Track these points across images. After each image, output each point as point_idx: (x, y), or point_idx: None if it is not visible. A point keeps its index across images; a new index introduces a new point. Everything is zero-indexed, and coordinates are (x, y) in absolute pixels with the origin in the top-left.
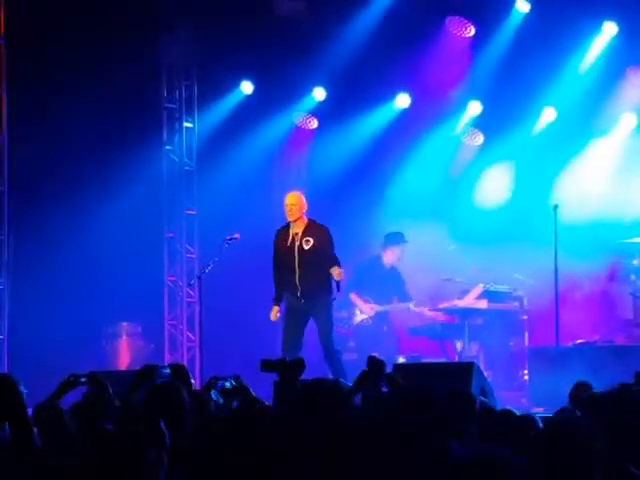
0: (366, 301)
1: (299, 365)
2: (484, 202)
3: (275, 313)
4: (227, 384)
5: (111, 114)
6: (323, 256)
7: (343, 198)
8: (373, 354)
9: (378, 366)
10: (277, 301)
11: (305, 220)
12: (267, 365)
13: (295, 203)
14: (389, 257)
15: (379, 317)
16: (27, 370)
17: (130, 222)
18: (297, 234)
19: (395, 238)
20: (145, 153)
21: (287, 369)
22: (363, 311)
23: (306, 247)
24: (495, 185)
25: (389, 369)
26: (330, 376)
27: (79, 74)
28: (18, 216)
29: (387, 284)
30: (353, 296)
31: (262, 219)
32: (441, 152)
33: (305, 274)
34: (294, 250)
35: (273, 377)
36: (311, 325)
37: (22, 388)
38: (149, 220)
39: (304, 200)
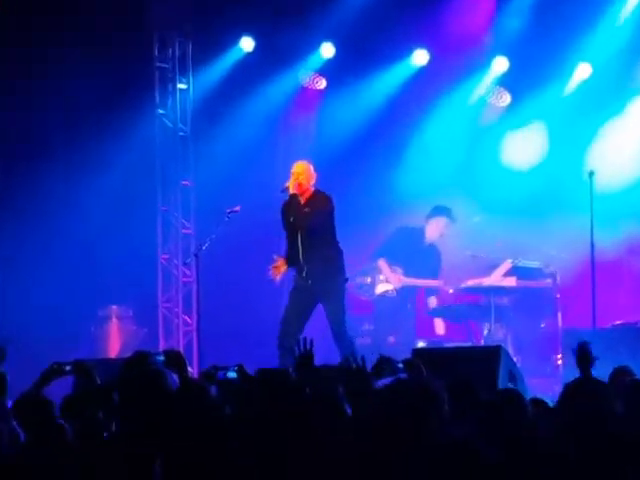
0: (394, 271)
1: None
2: (511, 169)
3: (276, 267)
4: (230, 374)
5: (97, 75)
6: (324, 229)
7: (356, 166)
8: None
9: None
10: (285, 258)
11: (311, 191)
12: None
13: (302, 172)
14: (431, 230)
15: (405, 292)
16: (9, 358)
17: (119, 194)
18: (301, 208)
19: (441, 209)
20: (135, 118)
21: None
22: (389, 280)
23: (305, 220)
24: (523, 150)
25: (407, 354)
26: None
27: (63, 35)
28: None
29: (422, 260)
30: (381, 262)
31: (265, 190)
32: (464, 114)
33: (308, 251)
34: (299, 225)
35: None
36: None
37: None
38: (140, 192)
39: (312, 170)
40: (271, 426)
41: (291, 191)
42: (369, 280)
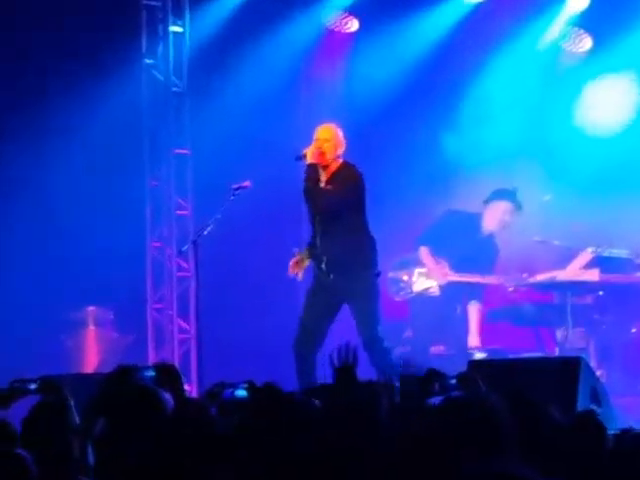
0: (440, 263)
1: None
2: (592, 131)
3: (296, 262)
4: (239, 393)
5: (65, 15)
6: (350, 211)
7: (394, 129)
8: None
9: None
10: (307, 250)
11: (338, 163)
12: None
13: (329, 139)
14: (490, 218)
15: (453, 291)
16: None
17: (97, 167)
18: (322, 183)
19: (502, 192)
20: (116, 69)
21: None
22: (431, 275)
23: (326, 199)
24: (608, 108)
25: (461, 367)
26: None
27: None
28: None
29: (475, 255)
30: (424, 251)
31: (280, 161)
32: (531, 63)
33: (329, 239)
34: (317, 206)
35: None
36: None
37: None
38: (124, 163)
39: (341, 137)
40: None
41: (308, 160)
42: (405, 276)
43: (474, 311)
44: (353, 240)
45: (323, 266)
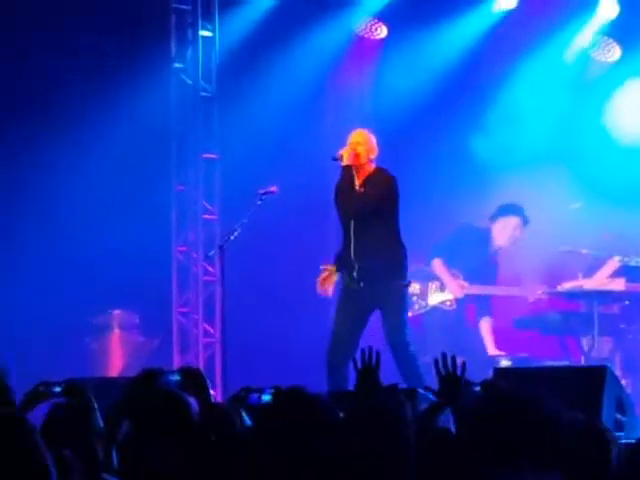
0: (455, 275)
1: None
2: (621, 139)
3: (324, 278)
4: (265, 397)
5: (97, 16)
6: (384, 217)
7: (423, 136)
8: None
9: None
10: (336, 263)
11: (371, 169)
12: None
13: (362, 142)
14: (500, 235)
15: (480, 304)
16: None
17: (123, 170)
18: (357, 188)
19: (511, 208)
20: (145, 73)
21: None
22: (447, 287)
23: (360, 203)
24: (636, 115)
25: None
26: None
27: None
28: None
29: (484, 269)
30: (437, 264)
31: (308, 166)
32: (560, 71)
33: (362, 245)
34: (350, 211)
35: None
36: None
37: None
38: (151, 167)
39: (374, 142)
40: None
41: (345, 161)
42: (418, 288)
43: (485, 324)
44: (387, 248)
45: (355, 274)
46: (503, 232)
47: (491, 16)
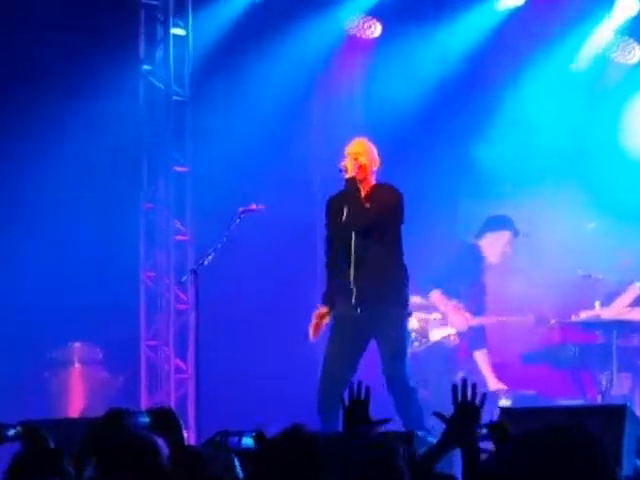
0: (457, 308)
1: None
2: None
3: (318, 324)
4: (246, 441)
5: (59, 14)
6: (388, 236)
7: (420, 144)
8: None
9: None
10: (327, 303)
11: (371, 184)
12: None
13: (362, 152)
14: (490, 249)
15: (474, 336)
16: None
17: (85, 185)
18: (362, 202)
19: (502, 221)
20: (110, 76)
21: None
22: (450, 322)
23: (365, 218)
24: None
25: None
26: (402, 425)
27: None
28: None
29: (479, 289)
30: (436, 296)
31: (292, 180)
32: (572, 75)
33: (363, 269)
34: (349, 229)
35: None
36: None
37: None
38: (116, 181)
39: (375, 152)
40: None
41: (350, 173)
42: (416, 324)
43: (481, 356)
44: (389, 270)
45: (353, 299)
46: (492, 249)
47: (495, 14)
